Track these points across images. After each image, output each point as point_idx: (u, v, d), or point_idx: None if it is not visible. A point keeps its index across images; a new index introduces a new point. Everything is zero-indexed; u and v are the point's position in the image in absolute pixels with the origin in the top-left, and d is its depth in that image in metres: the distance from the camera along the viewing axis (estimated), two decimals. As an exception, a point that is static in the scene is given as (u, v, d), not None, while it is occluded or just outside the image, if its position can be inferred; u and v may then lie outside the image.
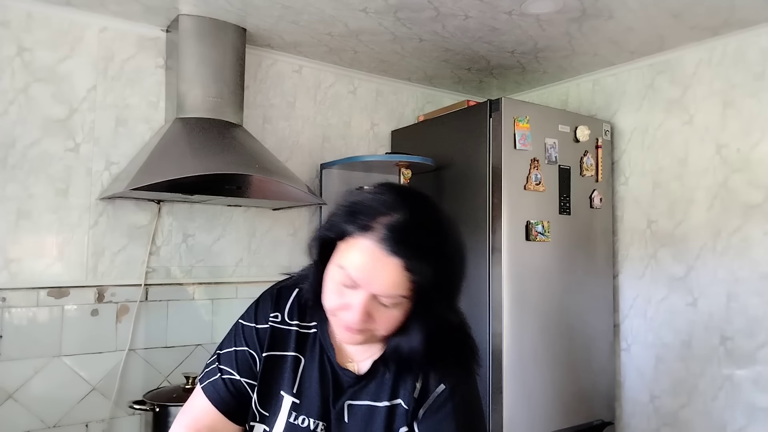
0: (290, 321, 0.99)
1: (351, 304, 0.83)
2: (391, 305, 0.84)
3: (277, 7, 2.04)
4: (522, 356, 2.18)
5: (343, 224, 0.85)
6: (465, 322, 0.97)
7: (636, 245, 2.53)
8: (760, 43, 2.16)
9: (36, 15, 2.01)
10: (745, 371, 2.14)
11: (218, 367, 0.98)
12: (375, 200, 0.84)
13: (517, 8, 2.02)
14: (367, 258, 0.81)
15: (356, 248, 0.82)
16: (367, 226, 0.81)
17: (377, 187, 0.89)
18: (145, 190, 1.87)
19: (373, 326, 0.85)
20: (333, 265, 0.86)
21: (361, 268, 0.81)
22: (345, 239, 0.85)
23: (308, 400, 0.94)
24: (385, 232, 0.80)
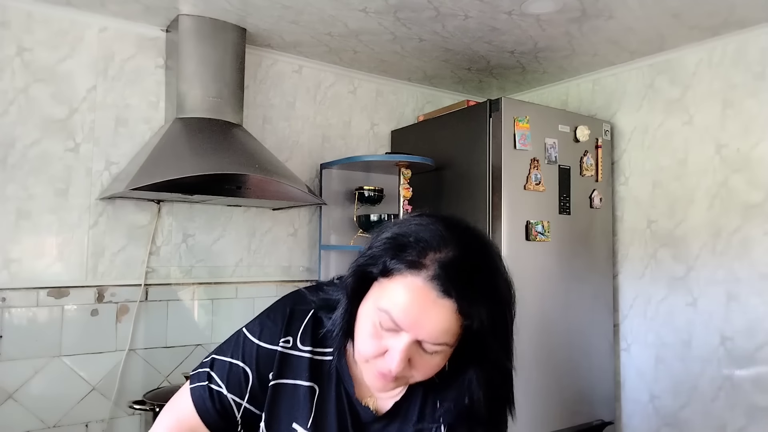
0: (303, 347, 0.88)
1: (390, 350, 0.75)
2: (433, 351, 0.75)
3: (277, 7, 2.04)
4: (521, 356, 2.15)
5: (387, 258, 0.75)
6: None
7: (636, 245, 2.53)
8: (760, 43, 2.16)
9: (36, 15, 2.01)
10: (745, 371, 2.14)
11: (209, 373, 0.90)
12: (424, 232, 0.75)
13: (517, 8, 2.02)
14: (414, 299, 0.72)
15: (402, 287, 0.73)
16: (416, 263, 0.73)
17: (421, 216, 0.79)
18: (145, 190, 1.87)
19: (409, 373, 0.77)
20: (371, 304, 0.77)
21: (408, 311, 0.72)
22: (388, 276, 0.75)
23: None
24: (437, 269, 0.71)
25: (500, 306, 0.76)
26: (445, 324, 0.72)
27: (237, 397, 0.89)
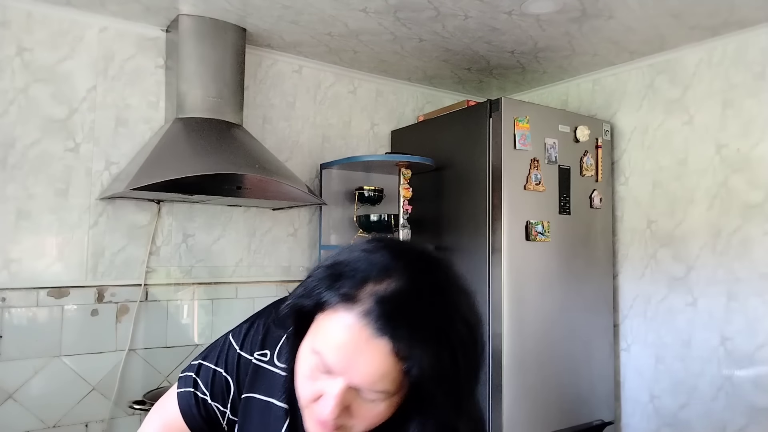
0: (279, 363, 0.80)
1: (324, 395, 0.65)
2: (373, 399, 0.65)
3: (277, 7, 2.04)
4: (522, 356, 2.18)
5: (321, 290, 0.66)
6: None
7: (636, 245, 2.53)
8: (760, 43, 2.16)
9: (36, 15, 2.01)
10: (745, 371, 2.14)
11: (195, 379, 0.86)
12: (364, 261, 0.66)
13: (517, 8, 2.02)
14: (346, 338, 0.63)
15: (334, 324, 0.64)
16: (350, 296, 0.63)
17: (371, 242, 0.70)
18: (145, 190, 1.87)
19: (348, 422, 0.67)
20: (308, 343, 0.68)
21: (339, 352, 0.63)
22: (323, 310, 0.66)
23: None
24: (372, 304, 0.62)
25: (450, 349, 0.63)
26: (380, 368, 0.62)
27: (221, 406, 0.85)
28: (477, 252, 2.26)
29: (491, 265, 2.20)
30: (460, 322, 0.65)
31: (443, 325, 0.63)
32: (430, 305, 0.64)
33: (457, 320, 0.65)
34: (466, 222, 2.33)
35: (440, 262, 0.70)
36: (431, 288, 0.66)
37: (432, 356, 0.61)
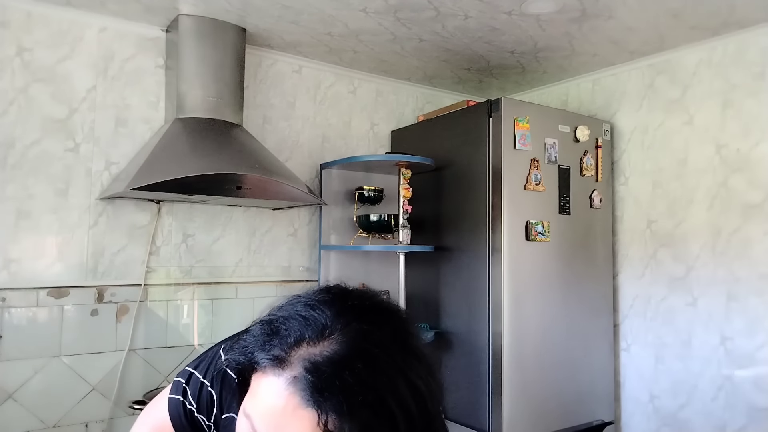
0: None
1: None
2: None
3: (277, 7, 2.04)
4: (522, 356, 2.18)
5: (254, 350, 0.61)
6: None
7: (636, 245, 2.53)
8: (760, 43, 2.16)
9: (36, 15, 2.01)
10: (745, 371, 2.14)
11: (185, 388, 0.84)
12: (301, 318, 0.60)
13: (517, 8, 2.02)
14: (273, 404, 0.57)
15: (263, 388, 0.59)
16: (281, 359, 0.58)
17: (317, 293, 0.64)
18: (144, 190, 1.87)
19: None
20: (243, 404, 0.62)
21: (265, 418, 0.58)
22: (256, 371, 0.61)
23: None
24: (302, 370, 0.56)
25: (389, 424, 0.55)
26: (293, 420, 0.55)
27: (206, 419, 0.82)
28: (477, 252, 2.26)
29: (491, 265, 2.20)
30: (405, 392, 0.57)
31: (381, 397, 0.55)
32: (367, 374, 0.56)
33: (402, 389, 0.57)
34: (466, 222, 2.33)
35: (391, 319, 0.62)
36: (369, 355, 0.57)
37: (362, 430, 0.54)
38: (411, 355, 0.60)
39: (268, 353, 0.59)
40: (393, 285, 2.61)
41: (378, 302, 0.64)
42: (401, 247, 2.29)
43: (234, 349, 0.64)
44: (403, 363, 0.59)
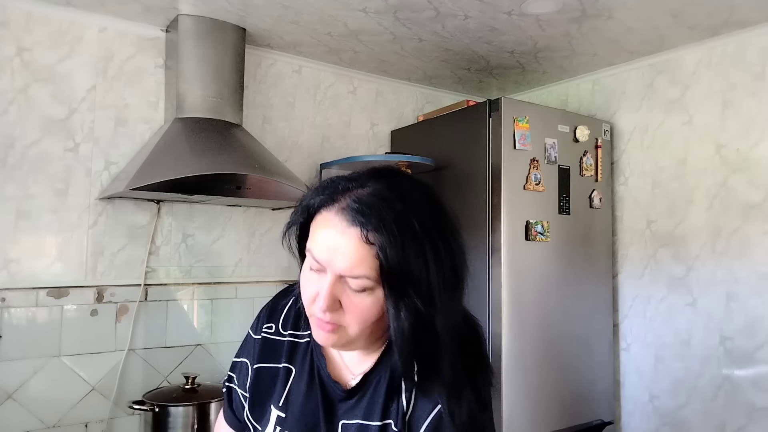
0: (284, 331, 0.91)
1: (319, 291, 0.74)
2: (359, 290, 0.73)
3: (276, 7, 2.04)
4: (522, 356, 2.18)
5: (309, 201, 0.77)
6: (470, 328, 0.84)
7: (635, 245, 2.53)
8: (760, 43, 2.16)
9: (35, 15, 2.01)
10: (745, 371, 2.15)
11: (229, 374, 0.98)
12: (348, 177, 0.77)
13: (517, 8, 2.02)
14: (327, 231, 0.73)
15: (320, 223, 0.74)
16: (331, 199, 0.74)
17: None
18: (144, 190, 1.87)
19: (343, 319, 0.75)
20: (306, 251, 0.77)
21: (322, 244, 0.73)
22: (312, 219, 0.76)
23: (293, 414, 0.85)
24: (349, 202, 0.72)
25: (416, 242, 0.71)
26: (354, 253, 0.70)
27: (243, 391, 0.94)
28: (477, 252, 2.26)
29: (491, 265, 2.20)
30: (425, 220, 0.72)
31: (405, 218, 0.71)
32: (395, 201, 0.72)
33: (422, 217, 0.72)
34: (466, 222, 2.33)
35: (413, 177, 0.79)
36: (400, 189, 0.74)
37: (396, 244, 0.69)
38: (433, 200, 0.76)
39: (322, 196, 0.75)
40: (393, 285, 2.61)
41: (399, 169, 0.80)
42: (401, 247, 2.29)
43: (292, 215, 0.80)
44: (428, 202, 0.75)
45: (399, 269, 0.70)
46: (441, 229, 0.74)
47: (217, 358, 2.31)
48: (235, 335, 2.34)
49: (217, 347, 2.31)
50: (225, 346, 2.33)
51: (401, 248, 0.70)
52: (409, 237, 0.70)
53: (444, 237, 0.74)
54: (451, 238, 0.75)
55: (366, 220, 0.70)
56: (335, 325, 0.76)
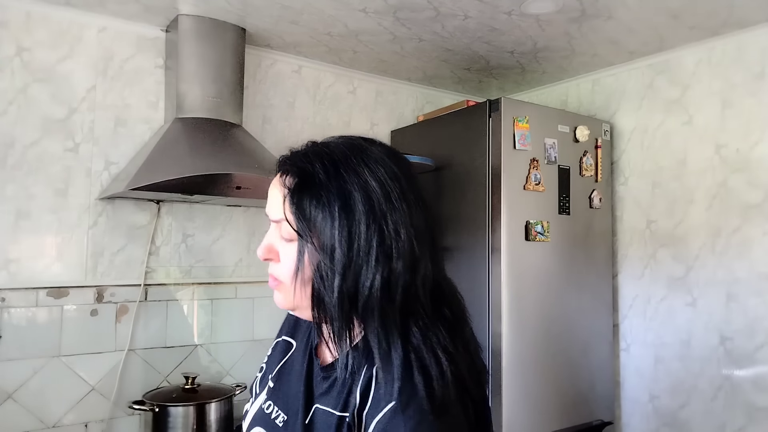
0: None
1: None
2: (287, 239, 0.73)
3: (276, 7, 2.04)
4: (521, 356, 2.18)
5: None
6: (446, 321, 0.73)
7: (635, 245, 2.53)
8: (760, 43, 2.16)
9: (35, 15, 2.01)
10: (745, 371, 2.15)
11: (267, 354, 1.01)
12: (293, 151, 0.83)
13: (517, 8, 2.02)
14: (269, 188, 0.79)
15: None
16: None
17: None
18: (144, 190, 1.87)
19: (276, 271, 0.76)
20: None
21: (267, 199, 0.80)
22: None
23: (281, 389, 0.86)
24: (284, 158, 0.78)
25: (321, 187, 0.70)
26: (273, 195, 0.76)
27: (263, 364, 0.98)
28: (476, 252, 2.26)
29: (491, 265, 2.20)
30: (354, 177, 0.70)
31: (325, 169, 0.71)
32: (329, 154, 0.73)
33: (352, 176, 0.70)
34: (466, 222, 2.33)
35: (387, 147, 0.78)
36: (342, 146, 0.75)
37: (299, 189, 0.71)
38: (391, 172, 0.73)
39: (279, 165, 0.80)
40: (393, 285, 2.60)
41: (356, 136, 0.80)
42: (401, 247, 2.29)
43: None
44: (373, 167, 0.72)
45: (299, 214, 0.70)
46: (370, 188, 0.70)
47: (217, 358, 2.31)
48: (235, 335, 2.34)
49: (216, 347, 2.31)
50: (225, 347, 2.33)
51: (303, 193, 0.70)
52: (315, 183, 0.70)
53: (371, 197, 0.69)
54: (388, 202, 0.69)
55: (290, 165, 0.75)
56: (276, 281, 0.77)
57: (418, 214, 0.72)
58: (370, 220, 0.68)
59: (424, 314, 0.71)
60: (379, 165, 0.72)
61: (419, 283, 0.71)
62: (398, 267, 0.69)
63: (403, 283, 0.69)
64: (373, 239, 0.68)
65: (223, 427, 2.00)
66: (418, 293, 0.71)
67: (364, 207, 0.68)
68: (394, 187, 0.71)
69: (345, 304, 0.69)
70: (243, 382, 2.25)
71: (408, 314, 0.70)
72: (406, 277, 0.69)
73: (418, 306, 0.71)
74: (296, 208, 0.71)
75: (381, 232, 0.68)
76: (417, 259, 0.70)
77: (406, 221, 0.70)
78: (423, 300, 0.71)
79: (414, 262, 0.70)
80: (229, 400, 2.04)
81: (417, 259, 0.70)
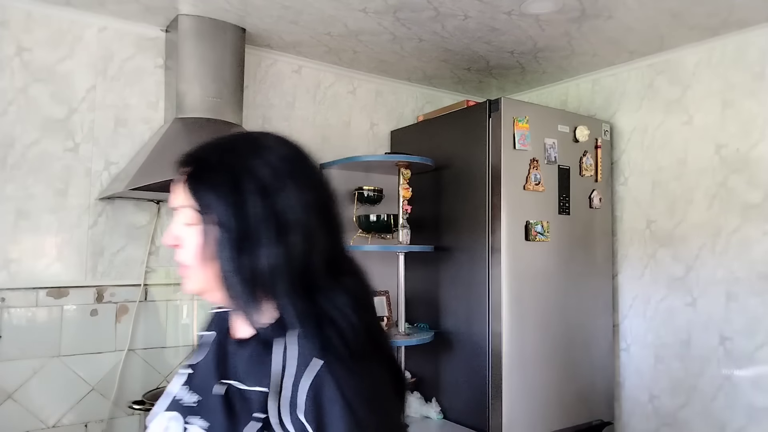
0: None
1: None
2: (187, 223, 0.78)
3: (276, 7, 2.04)
4: (521, 356, 2.18)
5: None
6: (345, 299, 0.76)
7: (635, 245, 2.53)
8: (759, 43, 2.16)
9: (35, 15, 2.01)
10: (744, 371, 2.15)
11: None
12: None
13: (517, 8, 2.02)
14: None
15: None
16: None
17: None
18: (144, 190, 1.87)
19: (182, 256, 0.79)
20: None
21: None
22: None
23: (196, 373, 0.88)
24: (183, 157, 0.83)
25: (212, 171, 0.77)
26: (175, 185, 0.80)
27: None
28: (476, 252, 2.26)
29: (491, 265, 2.20)
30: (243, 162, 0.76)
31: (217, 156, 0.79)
32: (226, 144, 0.80)
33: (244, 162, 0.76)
34: (466, 222, 2.33)
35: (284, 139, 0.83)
36: (238, 139, 0.82)
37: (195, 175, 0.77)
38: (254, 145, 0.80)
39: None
40: (393, 285, 2.61)
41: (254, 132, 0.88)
42: (401, 247, 2.29)
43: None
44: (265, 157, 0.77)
45: (195, 198, 0.76)
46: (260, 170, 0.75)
47: (216, 358, 2.30)
48: (234, 335, 2.34)
49: (216, 347, 2.31)
50: (225, 346, 2.32)
51: (198, 179, 0.77)
52: (208, 169, 0.77)
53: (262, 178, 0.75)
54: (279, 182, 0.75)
55: (186, 157, 0.80)
56: (184, 266, 0.80)
57: (311, 193, 0.77)
58: (261, 199, 0.73)
59: (326, 284, 0.75)
60: (269, 150, 0.79)
61: (316, 255, 0.75)
62: (294, 240, 0.74)
63: (300, 255, 0.74)
64: (268, 216, 0.73)
65: (223, 427, 2.00)
66: (316, 265, 0.75)
67: (255, 186, 0.74)
68: (285, 168, 0.77)
69: (248, 277, 0.73)
70: (243, 382, 2.25)
71: (310, 284, 0.75)
72: (303, 249, 0.74)
73: (318, 277, 0.75)
74: (192, 192, 0.76)
75: (274, 209, 0.74)
76: (312, 233, 0.75)
77: (300, 199, 0.75)
78: (322, 271, 0.76)
79: (309, 236, 0.75)
80: (229, 400, 2.04)
81: (312, 233, 0.75)
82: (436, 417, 2.37)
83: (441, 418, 2.37)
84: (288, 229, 0.73)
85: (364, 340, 0.73)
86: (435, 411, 2.38)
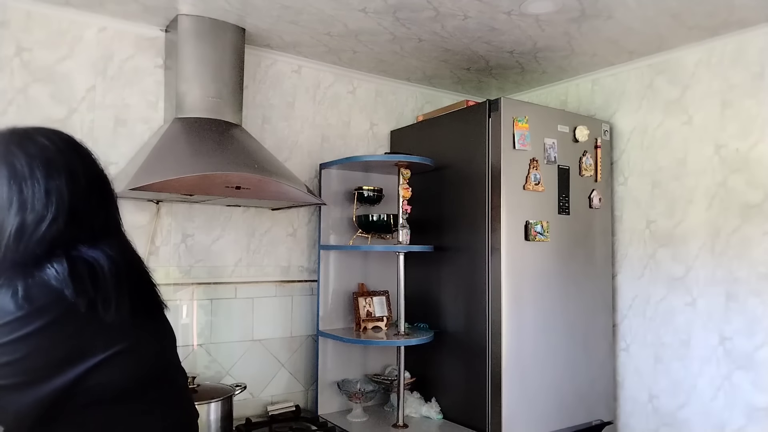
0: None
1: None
2: None
3: (276, 7, 2.04)
4: (521, 356, 2.18)
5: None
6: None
7: (635, 245, 2.53)
8: (759, 44, 2.16)
9: (35, 15, 2.01)
10: (744, 371, 2.15)
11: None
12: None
13: (517, 8, 2.02)
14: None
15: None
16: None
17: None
18: (144, 190, 1.86)
19: None
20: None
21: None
22: None
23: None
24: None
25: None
26: None
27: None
28: (476, 252, 2.26)
29: (490, 265, 2.20)
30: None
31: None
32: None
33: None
34: (466, 222, 2.33)
35: (21, 127, 1.09)
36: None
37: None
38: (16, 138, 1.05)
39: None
40: (392, 285, 2.61)
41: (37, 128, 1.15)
42: (400, 247, 2.29)
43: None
44: (4, 139, 1.03)
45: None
46: (15, 159, 0.97)
47: (216, 358, 2.31)
48: (234, 335, 2.34)
49: (216, 347, 2.31)
50: (224, 346, 2.33)
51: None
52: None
53: (14, 165, 0.96)
54: (30, 170, 0.97)
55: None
56: None
57: (57, 181, 0.98)
58: (11, 182, 0.94)
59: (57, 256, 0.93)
60: (29, 142, 1.02)
61: (47, 231, 0.94)
62: (29, 218, 0.93)
63: (32, 229, 0.93)
64: (13, 196, 0.93)
65: (223, 427, 2.00)
66: (46, 239, 0.94)
67: (8, 172, 0.95)
68: (39, 159, 0.99)
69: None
70: (243, 382, 2.25)
71: (44, 255, 0.93)
72: (37, 225, 0.94)
73: (51, 248, 0.94)
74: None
75: (20, 191, 0.94)
76: (45, 213, 0.94)
77: (46, 185, 0.96)
78: (53, 245, 0.94)
79: (43, 215, 0.94)
80: (229, 400, 2.04)
81: (45, 214, 0.94)
82: (435, 417, 2.37)
83: (441, 417, 2.38)
84: (28, 207, 0.94)
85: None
86: (435, 411, 2.38)
